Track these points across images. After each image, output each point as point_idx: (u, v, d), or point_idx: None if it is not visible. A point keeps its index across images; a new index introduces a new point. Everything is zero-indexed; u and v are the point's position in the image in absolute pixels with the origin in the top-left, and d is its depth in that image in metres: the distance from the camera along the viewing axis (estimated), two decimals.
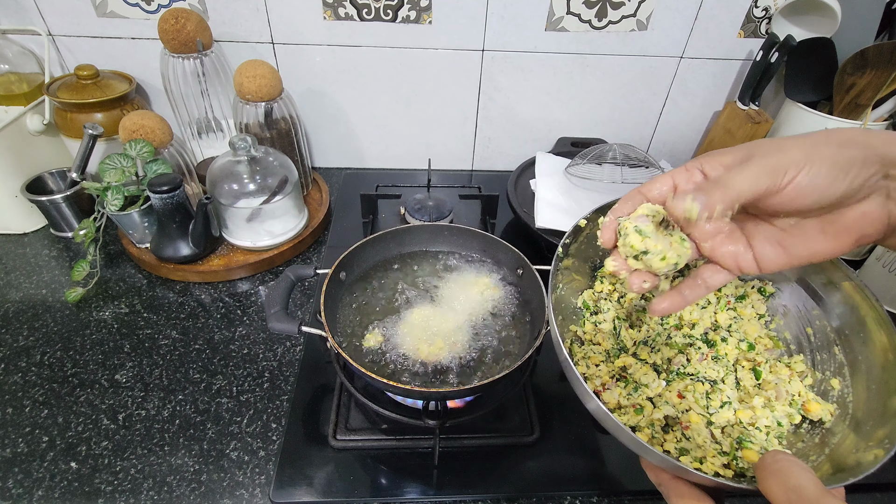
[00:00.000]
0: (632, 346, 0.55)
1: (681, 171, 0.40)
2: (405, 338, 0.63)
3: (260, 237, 0.85)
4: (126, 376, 0.68)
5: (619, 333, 0.56)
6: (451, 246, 0.75)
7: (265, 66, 0.83)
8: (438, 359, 0.60)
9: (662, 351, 0.54)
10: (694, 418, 0.48)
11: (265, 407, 0.65)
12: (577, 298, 0.60)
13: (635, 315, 0.58)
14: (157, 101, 1.01)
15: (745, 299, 0.58)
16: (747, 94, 0.99)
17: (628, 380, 0.52)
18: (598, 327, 0.58)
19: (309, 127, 1.08)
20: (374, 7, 0.90)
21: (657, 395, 0.51)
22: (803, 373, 0.51)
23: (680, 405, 0.50)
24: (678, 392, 0.50)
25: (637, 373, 0.52)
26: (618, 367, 0.54)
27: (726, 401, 0.49)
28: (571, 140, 1.09)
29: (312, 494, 0.56)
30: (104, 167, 0.77)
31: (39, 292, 0.79)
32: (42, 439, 0.60)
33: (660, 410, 0.49)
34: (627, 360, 0.54)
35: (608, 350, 0.56)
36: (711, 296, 0.58)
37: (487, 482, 0.59)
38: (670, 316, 0.56)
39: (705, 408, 0.49)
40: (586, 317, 0.59)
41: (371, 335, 0.62)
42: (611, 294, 0.60)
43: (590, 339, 0.57)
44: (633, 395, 0.51)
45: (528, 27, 0.94)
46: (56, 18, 0.90)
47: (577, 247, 0.57)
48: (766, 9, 0.94)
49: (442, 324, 0.64)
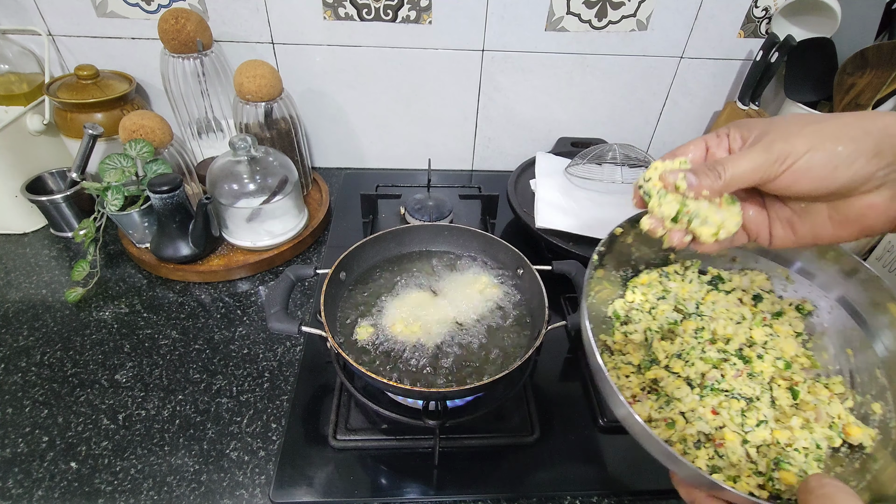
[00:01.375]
0: (664, 358, 0.54)
1: (713, 136, 0.41)
2: (396, 322, 0.64)
3: (260, 237, 0.85)
4: (126, 376, 0.68)
5: (650, 345, 0.55)
6: (451, 246, 0.75)
7: (265, 66, 0.83)
8: (433, 342, 0.60)
9: (696, 365, 0.52)
10: (729, 436, 0.47)
11: (265, 407, 0.65)
12: (608, 307, 0.59)
13: (667, 327, 0.57)
14: (157, 101, 1.01)
15: (783, 316, 0.57)
16: (747, 94, 0.99)
17: (660, 393, 0.51)
18: (628, 337, 0.57)
19: (309, 127, 1.08)
20: (374, 7, 0.90)
21: (690, 409, 0.49)
22: (843, 394, 0.50)
23: (713, 421, 0.48)
24: (712, 408, 0.49)
25: (669, 386, 0.51)
26: (648, 380, 0.53)
27: (763, 419, 0.48)
28: (571, 140, 1.09)
29: (312, 494, 0.56)
30: (104, 167, 0.77)
31: (39, 292, 0.79)
32: (42, 439, 0.60)
33: (692, 426, 0.48)
34: (659, 372, 0.52)
35: (639, 362, 0.55)
36: (747, 311, 0.57)
37: (487, 482, 0.59)
38: (703, 329, 0.55)
39: (740, 426, 0.48)
40: (616, 326, 0.58)
41: (362, 328, 0.62)
42: (643, 305, 0.59)
43: (619, 349, 0.56)
44: (664, 408, 0.50)
45: (528, 27, 0.94)
46: (56, 18, 0.90)
47: (609, 256, 0.56)
48: (766, 9, 0.94)
49: (438, 314, 0.64)
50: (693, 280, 0.61)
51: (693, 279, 0.61)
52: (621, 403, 0.39)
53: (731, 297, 0.59)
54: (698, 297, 0.60)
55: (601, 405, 0.66)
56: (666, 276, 0.61)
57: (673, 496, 0.59)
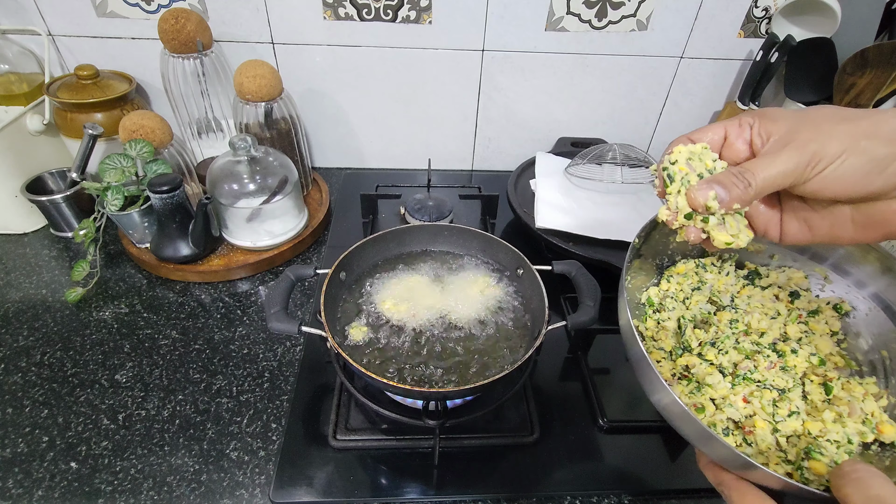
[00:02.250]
0: (697, 346, 0.54)
1: (734, 124, 0.39)
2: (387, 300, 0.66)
3: (260, 237, 0.85)
4: (126, 376, 0.68)
5: (683, 332, 0.55)
6: (451, 246, 0.75)
7: (265, 66, 0.83)
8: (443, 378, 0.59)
9: (729, 354, 0.52)
10: (759, 423, 0.47)
11: (265, 407, 0.65)
12: (642, 294, 0.59)
13: (701, 317, 0.57)
14: (157, 101, 1.01)
15: (819, 314, 0.57)
16: (747, 94, 0.99)
17: (691, 379, 0.51)
18: (660, 325, 0.57)
19: (309, 127, 1.08)
20: (374, 7, 0.90)
21: (721, 397, 0.49)
22: (878, 394, 0.50)
23: (744, 409, 0.48)
24: (743, 396, 0.49)
25: (701, 373, 0.51)
26: (680, 367, 0.53)
27: (794, 410, 0.48)
28: (571, 140, 1.09)
29: (312, 494, 0.56)
30: (104, 167, 0.77)
31: (39, 292, 0.79)
32: (42, 439, 0.60)
33: (723, 412, 0.48)
34: (691, 359, 0.52)
35: (671, 349, 0.55)
36: (782, 307, 0.57)
37: (487, 482, 0.59)
38: (738, 322, 0.55)
39: (772, 415, 0.48)
40: (648, 314, 0.58)
41: (356, 329, 0.62)
42: (677, 294, 0.59)
43: (651, 336, 0.57)
44: (695, 393, 0.50)
45: (528, 27, 0.94)
46: (56, 18, 0.90)
47: (647, 244, 0.56)
48: (766, 9, 0.94)
49: (444, 331, 0.64)
50: (730, 273, 0.61)
51: (730, 272, 0.61)
52: (660, 385, 0.39)
53: (768, 293, 0.59)
54: (734, 290, 0.60)
55: (601, 405, 0.66)
56: (703, 268, 0.61)
57: (673, 496, 0.59)
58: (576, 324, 0.59)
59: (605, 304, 0.62)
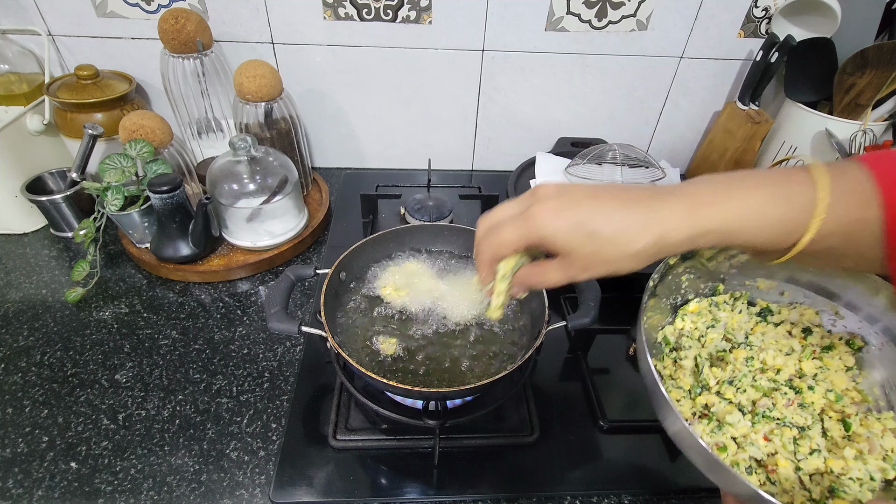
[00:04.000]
0: (715, 384, 0.54)
1: None
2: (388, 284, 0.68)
3: (260, 237, 0.85)
4: (126, 376, 0.68)
5: (701, 371, 0.55)
6: (451, 246, 0.75)
7: (265, 66, 0.83)
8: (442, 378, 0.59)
9: (748, 392, 0.53)
10: (782, 462, 0.47)
11: (265, 407, 0.65)
12: (658, 333, 0.60)
13: (717, 354, 0.57)
14: (157, 101, 1.01)
15: (833, 350, 0.57)
16: (747, 94, 0.99)
17: (711, 417, 0.52)
18: (678, 363, 0.57)
19: (309, 127, 1.08)
20: (374, 7, 0.90)
21: (742, 435, 0.50)
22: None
23: (766, 448, 0.49)
24: (764, 435, 0.50)
25: (721, 411, 0.51)
26: (699, 405, 0.53)
27: (815, 448, 0.48)
28: (571, 140, 1.09)
29: (312, 494, 0.56)
30: (104, 167, 0.77)
31: (39, 292, 0.79)
32: (42, 439, 0.60)
33: (745, 451, 0.49)
34: (710, 397, 0.53)
35: (689, 388, 0.55)
36: (796, 343, 0.58)
37: (487, 482, 0.59)
38: (753, 359, 0.56)
39: (793, 453, 0.48)
40: (665, 352, 0.59)
41: (385, 343, 0.62)
42: (692, 332, 0.60)
43: (669, 375, 0.57)
44: (716, 432, 0.50)
45: (528, 27, 0.94)
46: (56, 18, 0.90)
47: (661, 285, 0.57)
48: (766, 9, 0.94)
49: (444, 331, 0.64)
50: (742, 311, 0.62)
51: (742, 310, 0.62)
52: (683, 426, 0.41)
53: (781, 330, 0.60)
54: (747, 327, 0.60)
55: (601, 405, 0.66)
56: (716, 306, 0.62)
57: (673, 496, 0.59)
58: (576, 324, 0.59)
59: (605, 305, 0.62)
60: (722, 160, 1.04)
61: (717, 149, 1.06)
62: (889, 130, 0.89)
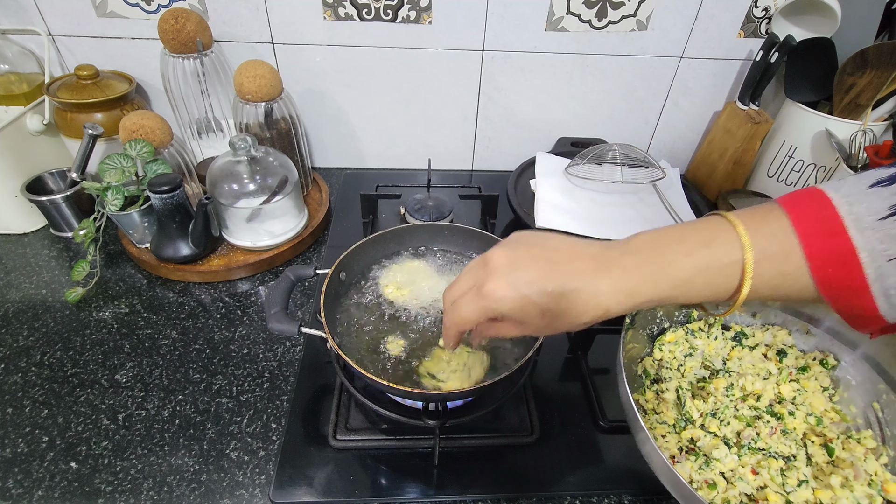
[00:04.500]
0: (698, 417, 0.54)
1: None
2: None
3: (260, 237, 0.85)
4: (126, 376, 0.68)
5: (683, 404, 0.56)
6: (451, 246, 0.75)
7: (265, 66, 0.83)
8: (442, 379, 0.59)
9: (731, 424, 0.53)
10: (772, 497, 0.48)
11: (265, 407, 0.65)
12: (637, 366, 0.61)
13: (697, 384, 0.58)
14: (157, 101, 1.01)
15: (807, 371, 0.58)
16: (747, 94, 0.99)
17: (697, 453, 0.52)
18: (660, 396, 0.58)
19: (309, 127, 1.08)
20: (374, 7, 0.90)
21: (730, 470, 0.50)
22: (876, 450, 0.51)
23: (754, 482, 0.49)
24: (752, 468, 0.50)
25: (707, 446, 0.52)
26: (685, 440, 0.53)
27: (803, 479, 0.48)
28: (571, 140, 1.09)
29: (312, 494, 0.56)
30: (104, 167, 0.77)
31: (39, 292, 0.79)
32: (42, 439, 0.60)
33: (734, 486, 0.49)
34: (695, 431, 0.53)
35: (673, 422, 0.55)
36: (772, 366, 0.59)
37: (487, 482, 0.59)
38: (734, 386, 0.57)
39: (782, 486, 0.48)
40: (646, 384, 0.59)
41: (392, 343, 0.62)
42: (671, 362, 0.60)
43: (652, 409, 0.57)
44: (704, 469, 0.50)
45: (528, 27, 0.94)
46: (56, 18, 0.90)
47: (638, 316, 0.58)
48: (766, 9, 0.94)
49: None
50: (717, 337, 0.62)
51: (717, 336, 0.63)
52: (671, 473, 0.42)
53: (756, 353, 0.61)
54: (724, 353, 0.61)
55: (601, 405, 0.66)
56: (692, 334, 0.63)
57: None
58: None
59: None
60: (722, 160, 1.04)
61: (717, 149, 1.06)
62: (889, 130, 0.89)
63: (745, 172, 1.03)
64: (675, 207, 0.91)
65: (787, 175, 0.99)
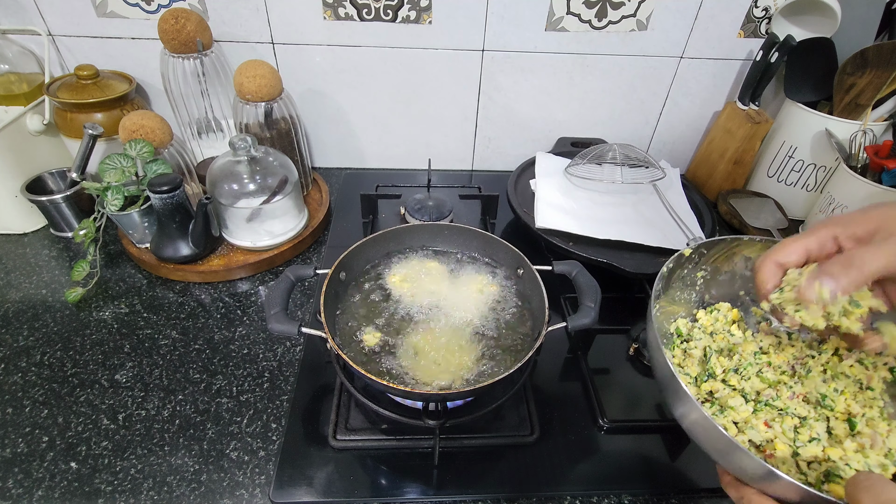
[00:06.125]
0: (721, 372, 0.54)
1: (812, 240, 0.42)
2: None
3: (260, 237, 0.85)
4: (126, 376, 0.68)
5: (709, 359, 0.56)
6: (451, 245, 0.75)
7: (265, 66, 0.83)
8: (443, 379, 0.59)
9: (752, 381, 0.53)
10: (780, 446, 0.47)
11: (265, 407, 0.65)
12: (671, 324, 0.61)
13: (727, 348, 0.57)
14: (157, 101, 1.01)
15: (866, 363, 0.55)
16: (747, 94, 0.99)
17: (714, 402, 0.52)
18: (687, 353, 0.58)
19: (309, 127, 1.08)
20: (374, 7, 0.90)
21: (743, 420, 0.50)
22: None
23: (766, 433, 0.49)
24: (765, 421, 0.50)
25: (725, 397, 0.52)
26: (704, 392, 0.54)
27: (815, 437, 0.48)
28: (571, 140, 1.09)
29: (312, 494, 0.56)
30: (104, 167, 0.77)
31: (39, 292, 0.79)
32: (42, 439, 0.60)
33: (744, 434, 0.49)
34: (715, 385, 0.53)
35: (696, 375, 0.56)
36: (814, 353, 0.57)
37: (487, 482, 0.59)
38: (761, 353, 0.55)
39: (792, 440, 0.48)
40: (676, 343, 0.59)
41: (369, 335, 0.62)
42: (705, 327, 0.60)
43: (678, 363, 0.58)
44: (717, 416, 0.50)
45: (528, 27, 0.94)
46: (56, 18, 0.90)
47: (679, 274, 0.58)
48: (766, 9, 0.94)
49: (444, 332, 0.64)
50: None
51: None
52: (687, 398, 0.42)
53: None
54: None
55: (601, 405, 0.66)
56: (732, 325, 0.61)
57: (673, 496, 0.59)
58: (576, 325, 0.59)
59: (605, 305, 0.62)
60: (722, 160, 1.04)
61: (717, 149, 1.06)
62: (889, 130, 0.89)
63: (745, 172, 1.03)
64: (675, 207, 0.91)
65: (787, 175, 0.99)
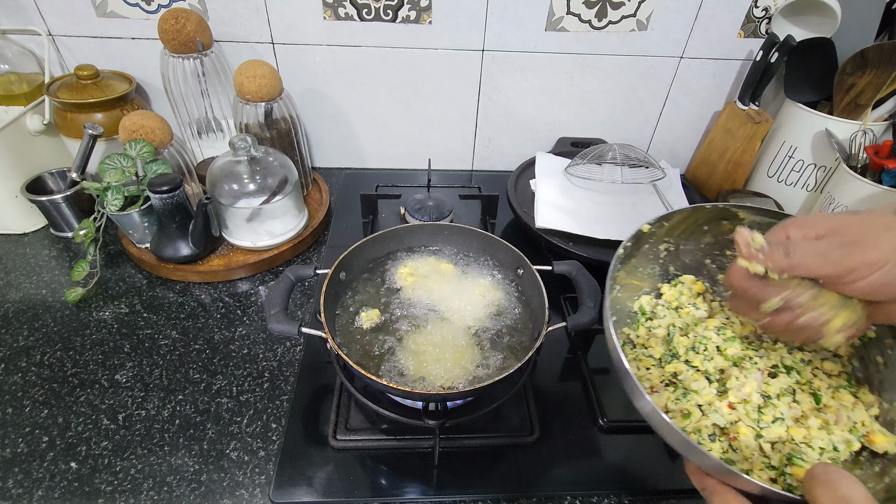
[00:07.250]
0: (683, 353, 0.54)
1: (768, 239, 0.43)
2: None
3: (260, 237, 0.85)
4: (126, 376, 0.68)
5: (671, 339, 0.55)
6: (450, 245, 0.75)
7: (265, 66, 0.83)
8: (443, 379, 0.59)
9: (715, 360, 0.53)
10: (742, 430, 0.47)
11: (265, 407, 0.65)
12: (634, 303, 0.60)
13: (692, 324, 0.57)
14: (157, 101, 1.01)
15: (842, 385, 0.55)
16: (747, 94, 0.99)
17: (678, 385, 0.52)
18: (651, 332, 0.57)
19: (309, 127, 1.08)
20: (374, 7, 0.90)
21: (707, 402, 0.50)
22: (871, 403, 0.49)
23: (729, 416, 0.49)
24: (729, 402, 0.49)
25: (688, 379, 0.51)
26: (668, 373, 0.53)
27: (779, 416, 0.48)
28: (571, 140, 1.09)
29: (312, 494, 0.56)
30: (104, 167, 0.77)
31: (39, 292, 0.79)
32: (42, 439, 0.60)
33: (708, 418, 0.49)
34: (679, 366, 0.53)
35: (660, 356, 0.55)
36: None
37: (487, 482, 0.59)
38: (725, 328, 0.55)
39: (756, 421, 0.48)
40: (641, 321, 0.59)
41: (369, 334, 0.62)
42: (669, 302, 0.59)
43: (642, 343, 0.57)
44: (681, 399, 0.50)
45: (528, 27, 0.94)
46: (56, 18, 0.90)
47: (640, 250, 0.57)
48: (766, 9, 0.94)
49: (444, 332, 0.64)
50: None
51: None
52: (641, 395, 0.41)
53: None
54: None
55: (601, 405, 0.66)
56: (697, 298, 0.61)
57: (673, 496, 0.59)
58: (576, 325, 0.59)
59: None
60: (722, 160, 1.04)
61: (717, 149, 1.06)
62: (889, 130, 0.89)
63: (745, 172, 1.03)
64: (675, 207, 0.90)
65: (787, 175, 0.99)
